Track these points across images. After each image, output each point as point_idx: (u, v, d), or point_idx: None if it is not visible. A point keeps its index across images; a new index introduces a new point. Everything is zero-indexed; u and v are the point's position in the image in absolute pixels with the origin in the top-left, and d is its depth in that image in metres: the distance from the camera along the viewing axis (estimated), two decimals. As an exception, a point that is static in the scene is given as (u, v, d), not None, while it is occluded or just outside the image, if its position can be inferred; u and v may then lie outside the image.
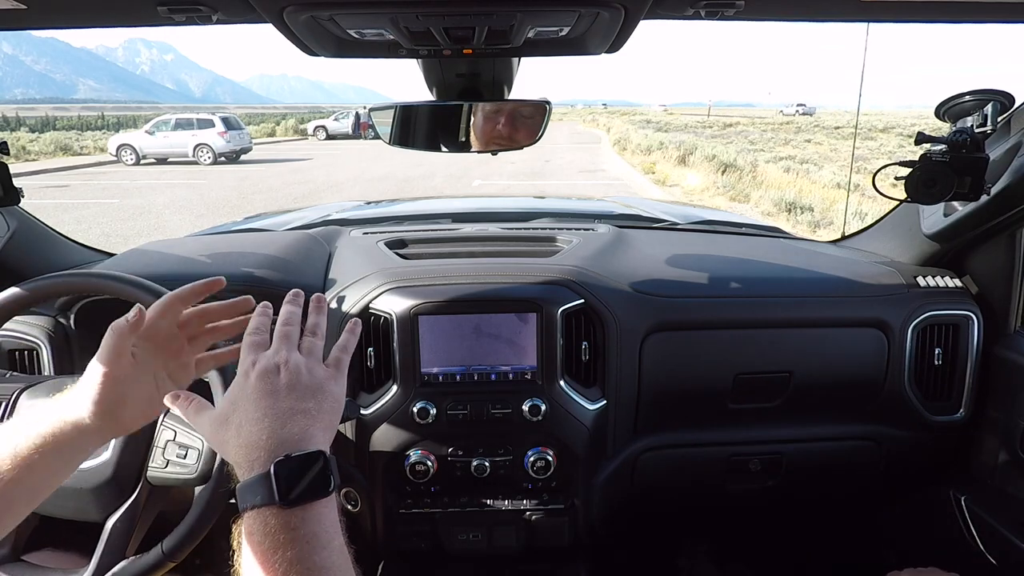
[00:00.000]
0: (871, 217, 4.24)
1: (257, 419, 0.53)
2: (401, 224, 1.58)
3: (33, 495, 0.62)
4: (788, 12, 0.80)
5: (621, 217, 1.77)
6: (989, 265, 1.24)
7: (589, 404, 1.14)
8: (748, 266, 1.32)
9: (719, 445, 1.26)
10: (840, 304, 1.23)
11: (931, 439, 1.27)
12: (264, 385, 0.54)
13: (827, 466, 1.31)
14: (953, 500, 1.24)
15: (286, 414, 0.53)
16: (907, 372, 1.23)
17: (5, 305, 0.89)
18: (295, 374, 0.56)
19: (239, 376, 0.57)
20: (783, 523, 1.64)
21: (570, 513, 1.18)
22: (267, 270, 1.20)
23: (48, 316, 1.16)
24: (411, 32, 0.74)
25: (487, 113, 1.08)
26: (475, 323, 1.11)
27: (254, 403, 0.54)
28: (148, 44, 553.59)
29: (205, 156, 16.84)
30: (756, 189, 10.52)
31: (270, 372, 0.55)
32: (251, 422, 0.53)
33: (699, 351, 1.20)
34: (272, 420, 0.52)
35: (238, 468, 0.52)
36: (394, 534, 1.17)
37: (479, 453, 1.13)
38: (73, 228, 6.67)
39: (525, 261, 1.22)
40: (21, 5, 0.70)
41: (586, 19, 0.72)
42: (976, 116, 1.01)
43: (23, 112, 69.08)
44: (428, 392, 1.11)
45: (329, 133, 28.22)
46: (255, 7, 0.67)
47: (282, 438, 0.51)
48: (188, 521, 0.84)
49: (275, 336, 0.59)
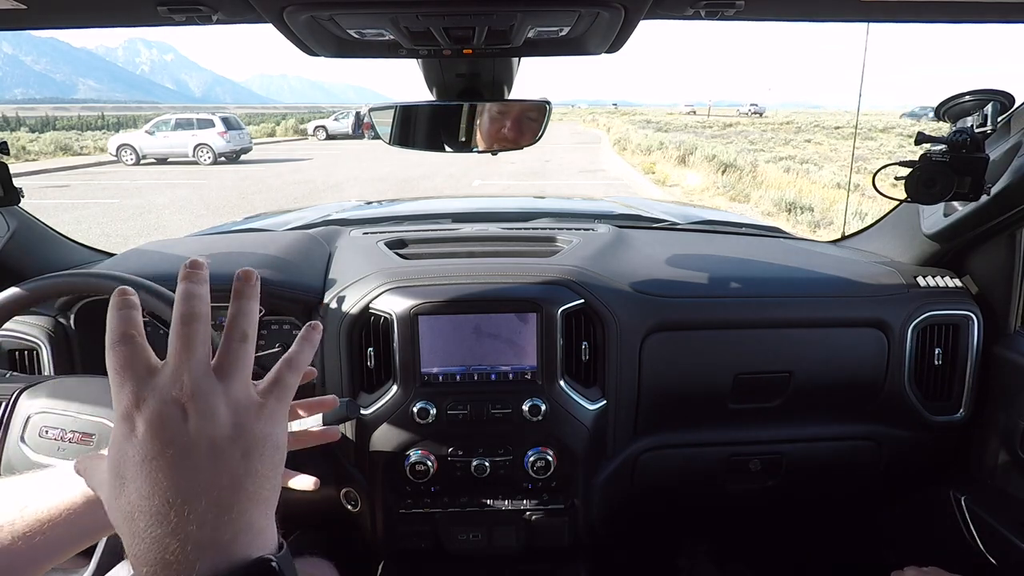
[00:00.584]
0: (871, 217, 4.24)
1: (157, 512, 0.34)
2: (401, 224, 1.58)
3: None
4: (788, 12, 0.80)
5: (621, 217, 1.77)
6: (989, 265, 1.24)
7: (589, 404, 1.14)
8: (748, 266, 1.32)
9: (719, 445, 1.26)
10: (840, 304, 1.23)
11: (931, 439, 1.27)
12: (160, 445, 0.34)
13: (827, 466, 1.31)
14: (953, 500, 1.24)
15: (205, 493, 0.34)
16: (907, 372, 1.23)
17: (5, 305, 0.89)
18: (210, 416, 0.36)
19: (118, 422, 0.36)
20: (783, 523, 1.64)
21: (570, 513, 1.18)
22: (267, 270, 1.20)
23: (48, 316, 1.16)
24: (411, 32, 0.74)
25: (487, 113, 1.08)
26: (475, 323, 1.11)
27: (149, 480, 0.34)
28: (148, 44, 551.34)
29: (205, 156, 16.84)
30: (756, 189, 10.52)
31: (167, 419, 0.35)
32: (148, 515, 0.34)
33: (699, 351, 1.20)
34: (182, 511, 0.33)
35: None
36: (394, 534, 1.17)
37: (479, 453, 1.13)
38: (73, 228, 6.67)
39: (525, 261, 1.22)
40: (21, 5, 0.70)
41: (586, 19, 0.72)
42: (976, 116, 1.01)
43: (23, 112, 69.10)
44: (428, 392, 1.11)
45: (329, 133, 28.23)
46: (255, 7, 0.67)
47: (204, 543, 0.33)
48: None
49: (172, 342, 0.37)
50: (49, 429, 0.88)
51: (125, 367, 0.36)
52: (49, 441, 0.87)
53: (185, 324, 0.38)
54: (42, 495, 0.50)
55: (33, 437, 0.88)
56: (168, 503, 0.34)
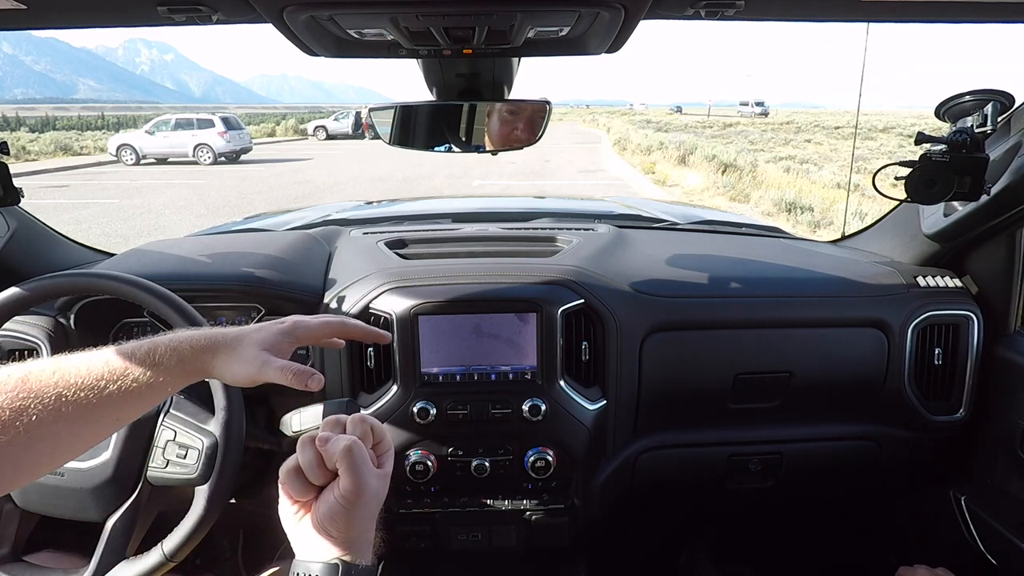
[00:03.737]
0: (871, 217, 4.24)
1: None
2: (401, 224, 1.58)
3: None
4: (788, 12, 0.80)
5: (621, 217, 1.77)
6: (989, 265, 1.24)
7: (589, 404, 1.14)
8: (748, 266, 1.32)
9: (719, 445, 1.26)
10: (840, 304, 1.23)
11: (931, 439, 1.27)
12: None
13: (827, 466, 1.31)
14: (953, 500, 1.24)
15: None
16: (907, 372, 1.23)
17: (5, 305, 0.89)
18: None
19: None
20: (783, 523, 1.64)
21: (570, 513, 1.18)
22: (267, 270, 1.20)
23: (48, 316, 1.16)
24: (411, 32, 0.74)
25: (487, 113, 1.08)
26: (475, 323, 1.11)
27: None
28: (148, 44, 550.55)
29: (205, 156, 16.84)
30: (756, 189, 10.52)
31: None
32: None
33: (699, 351, 1.20)
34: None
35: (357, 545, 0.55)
36: (394, 534, 1.17)
37: (479, 453, 1.13)
38: (73, 228, 6.67)
39: (525, 261, 1.22)
40: (21, 5, 0.70)
41: (586, 19, 0.72)
42: (976, 116, 1.00)
43: (23, 112, 69.07)
44: (428, 392, 1.10)
45: (329, 133, 28.23)
46: (255, 7, 0.67)
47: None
48: (188, 521, 0.84)
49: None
50: (49, 429, 0.88)
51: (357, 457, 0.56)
52: (49, 441, 0.87)
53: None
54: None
55: (33, 437, 0.88)
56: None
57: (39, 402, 0.54)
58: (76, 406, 0.56)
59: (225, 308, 1.21)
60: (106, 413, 0.58)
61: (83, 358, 0.60)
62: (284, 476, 0.55)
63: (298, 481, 0.55)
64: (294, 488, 0.55)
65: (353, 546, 0.54)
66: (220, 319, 1.21)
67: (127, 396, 0.59)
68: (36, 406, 0.53)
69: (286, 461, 0.56)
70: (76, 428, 0.56)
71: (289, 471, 0.55)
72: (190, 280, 1.16)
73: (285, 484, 0.55)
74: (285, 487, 0.55)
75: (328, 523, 0.54)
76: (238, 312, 1.21)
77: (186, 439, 0.90)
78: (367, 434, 0.58)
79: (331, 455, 0.54)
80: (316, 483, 0.55)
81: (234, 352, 0.64)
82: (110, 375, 0.58)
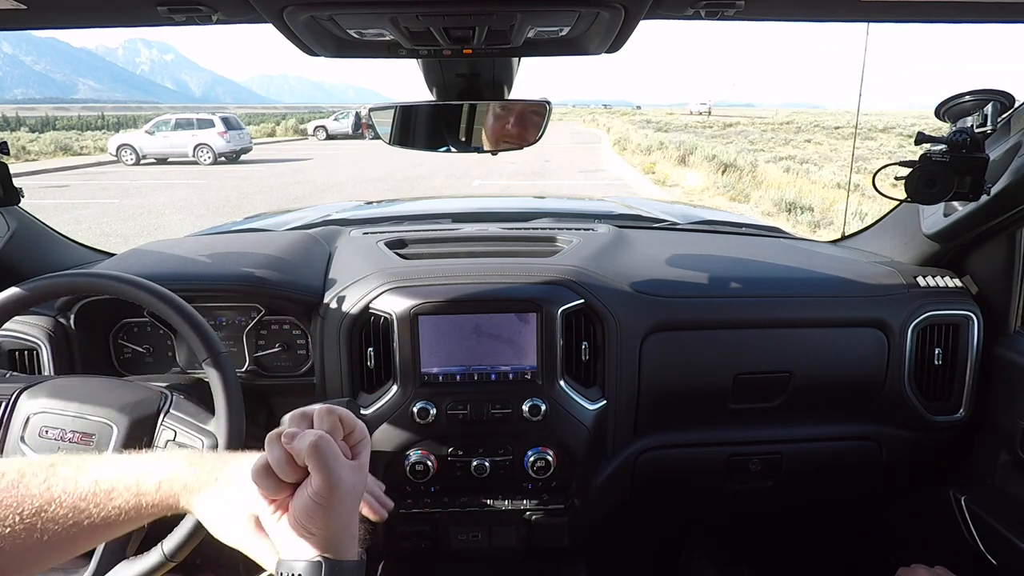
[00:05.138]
0: (871, 217, 4.24)
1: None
2: (401, 224, 1.58)
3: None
4: (788, 12, 0.80)
5: (621, 217, 1.77)
6: (989, 265, 1.24)
7: (589, 404, 1.14)
8: (748, 266, 1.32)
9: (719, 445, 1.26)
10: (840, 304, 1.23)
11: (931, 439, 1.27)
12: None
13: (827, 466, 1.31)
14: (953, 500, 1.24)
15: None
16: (907, 372, 1.23)
17: (5, 305, 0.89)
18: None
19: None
20: (783, 523, 1.64)
21: (570, 513, 1.18)
22: (267, 270, 1.20)
23: (48, 316, 1.16)
24: (411, 32, 0.74)
25: (487, 113, 1.08)
26: (475, 323, 1.11)
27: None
28: (148, 44, 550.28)
29: (205, 156, 16.84)
30: (756, 189, 10.52)
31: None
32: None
33: (699, 351, 1.20)
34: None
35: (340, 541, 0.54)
36: (394, 534, 1.17)
37: (479, 453, 1.13)
38: (73, 228, 6.67)
39: (525, 261, 1.22)
40: (21, 5, 0.70)
41: (586, 19, 0.72)
42: (976, 116, 1.01)
43: (23, 112, 69.05)
44: (428, 392, 1.11)
45: (329, 133, 28.24)
46: (255, 7, 0.67)
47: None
48: (188, 521, 0.84)
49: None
50: (49, 429, 0.88)
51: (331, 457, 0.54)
52: (49, 441, 0.87)
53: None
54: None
55: (33, 437, 0.88)
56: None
57: (18, 514, 0.54)
58: (53, 533, 0.55)
59: (225, 308, 1.21)
60: (79, 543, 0.58)
61: (75, 467, 0.58)
62: (255, 475, 0.53)
63: (270, 480, 0.53)
64: (267, 487, 0.53)
65: (335, 542, 0.53)
66: (220, 318, 1.21)
67: (105, 527, 0.58)
68: (13, 517, 0.53)
69: (256, 460, 0.54)
70: (44, 548, 0.55)
71: (259, 470, 0.53)
72: (190, 280, 1.16)
73: (257, 483, 0.53)
74: (258, 487, 0.54)
75: (306, 521, 0.52)
76: (238, 312, 1.21)
77: (186, 439, 0.90)
78: (335, 426, 0.55)
79: (298, 452, 0.51)
80: (288, 480, 0.53)
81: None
82: (93, 498, 0.57)
